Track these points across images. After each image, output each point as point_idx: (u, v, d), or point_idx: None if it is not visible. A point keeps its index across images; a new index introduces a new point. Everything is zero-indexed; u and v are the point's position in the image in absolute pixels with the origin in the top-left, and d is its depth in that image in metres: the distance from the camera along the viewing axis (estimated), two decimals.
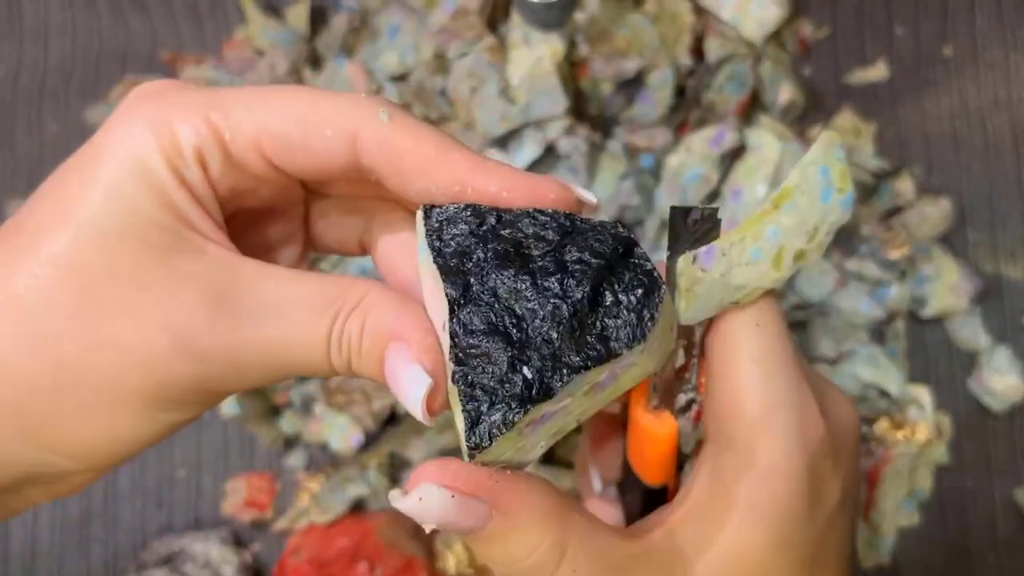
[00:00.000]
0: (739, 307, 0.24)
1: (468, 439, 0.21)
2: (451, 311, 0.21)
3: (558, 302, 0.21)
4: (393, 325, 0.22)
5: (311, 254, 0.29)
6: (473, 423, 0.20)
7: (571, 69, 0.53)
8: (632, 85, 0.53)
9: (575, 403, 0.22)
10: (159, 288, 0.21)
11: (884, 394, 0.51)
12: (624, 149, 0.52)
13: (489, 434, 0.20)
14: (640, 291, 0.21)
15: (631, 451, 0.28)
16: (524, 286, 0.21)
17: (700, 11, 0.54)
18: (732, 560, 0.23)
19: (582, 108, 0.53)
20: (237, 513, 0.51)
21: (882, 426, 0.51)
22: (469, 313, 0.21)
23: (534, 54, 0.52)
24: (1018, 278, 0.53)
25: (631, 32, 0.53)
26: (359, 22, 0.55)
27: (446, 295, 0.21)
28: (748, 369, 0.24)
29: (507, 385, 0.20)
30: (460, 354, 0.21)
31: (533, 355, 0.20)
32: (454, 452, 0.51)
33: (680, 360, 0.25)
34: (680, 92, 0.53)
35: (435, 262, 0.21)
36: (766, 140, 0.51)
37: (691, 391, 0.26)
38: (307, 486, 0.51)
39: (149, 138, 0.21)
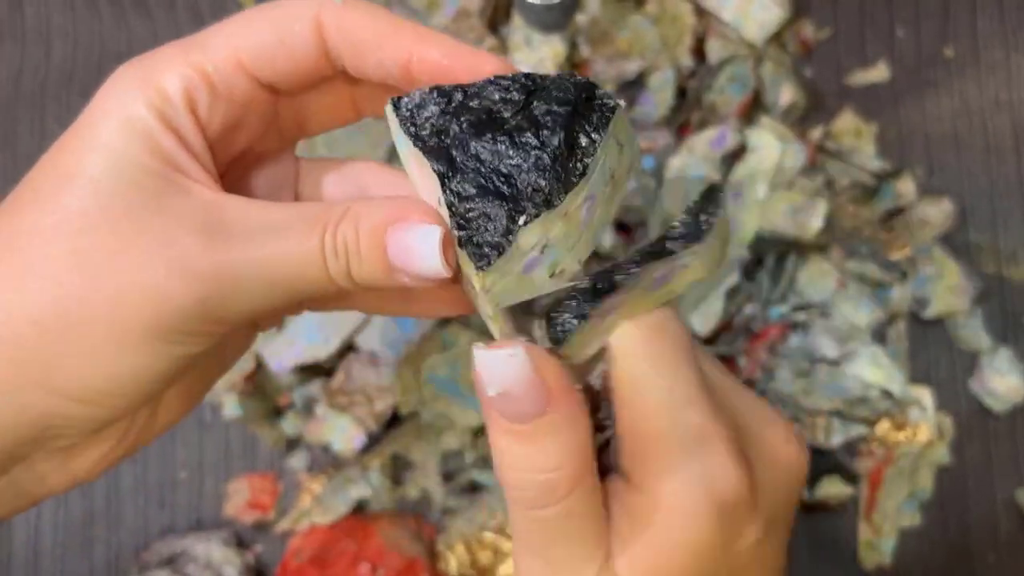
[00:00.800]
0: (625, 350, 0.24)
1: (479, 257, 0.22)
2: (442, 184, 0.22)
3: (538, 152, 0.22)
4: (388, 214, 0.23)
5: None
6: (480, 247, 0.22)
7: (572, 70, 0.53)
8: (633, 86, 0.54)
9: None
10: (152, 225, 0.22)
11: (886, 394, 0.51)
12: None
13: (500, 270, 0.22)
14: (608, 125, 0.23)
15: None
16: (504, 147, 0.22)
17: (701, 12, 0.54)
18: None
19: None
20: (239, 514, 0.51)
21: (883, 427, 0.51)
22: (459, 182, 0.22)
23: (535, 55, 0.52)
24: (1019, 279, 0.53)
25: (632, 33, 0.53)
26: None
27: (435, 172, 0.22)
28: (649, 412, 0.23)
29: (510, 236, 0.22)
30: (461, 220, 0.22)
31: (527, 204, 0.22)
32: (456, 455, 0.51)
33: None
34: (681, 93, 0.54)
35: (416, 146, 0.23)
36: (767, 141, 0.51)
37: (610, 427, 0.25)
38: (309, 487, 0.51)
39: (136, 93, 0.23)
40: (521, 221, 0.22)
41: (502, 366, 0.22)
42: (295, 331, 0.51)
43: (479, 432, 0.50)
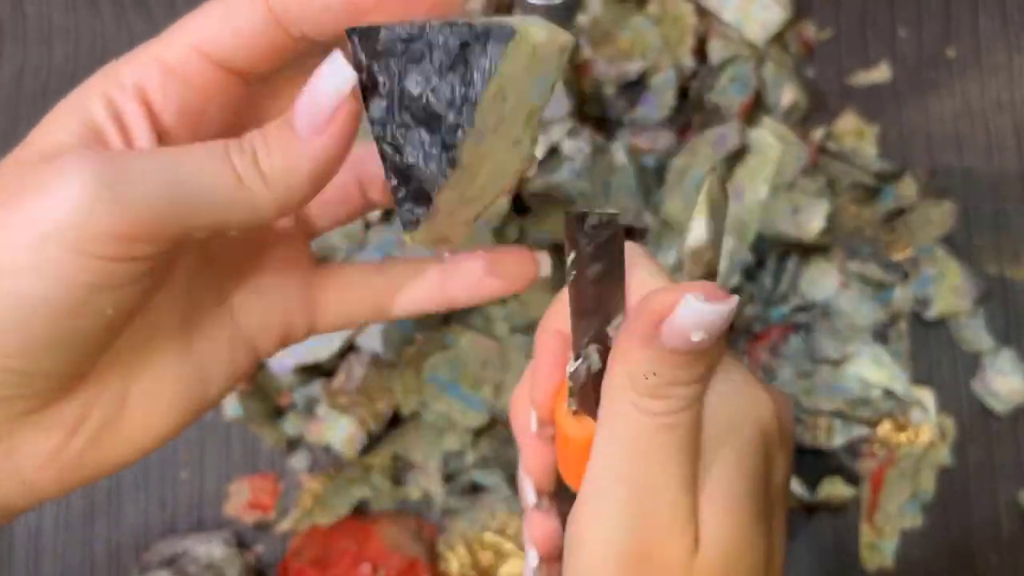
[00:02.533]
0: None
1: (407, 219, 0.22)
2: (365, 99, 0.22)
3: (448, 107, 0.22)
4: (296, 101, 0.22)
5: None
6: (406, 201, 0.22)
7: (574, 71, 0.53)
8: (635, 87, 0.53)
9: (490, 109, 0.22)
10: (65, 158, 0.22)
11: (888, 395, 0.51)
12: (627, 151, 0.52)
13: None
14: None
15: (558, 457, 0.28)
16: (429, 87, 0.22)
17: (703, 13, 0.54)
18: None
19: (585, 110, 0.53)
20: (240, 514, 0.51)
21: (885, 428, 0.51)
22: (378, 100, 0.22)
23: None
24: (1021, 279, 0.53)
25: (634, 34, 0.53)
26: None
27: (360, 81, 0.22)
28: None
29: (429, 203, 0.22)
30: (390, 143, 0.22)
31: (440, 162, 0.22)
32: (457, 455, 0.51)
33: (596, 364, 0.25)
34: (683, 94, 0.53)
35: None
36: (768, 141, 0.51)
37: None
38: (310, 487, 0.51)
39: (95, 82, 0.23)
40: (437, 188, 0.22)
41: (717, 317, 0.22)
42: None
43: (480, 432, 0.50)
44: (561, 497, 0.29)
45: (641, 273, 0.25)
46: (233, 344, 0.27)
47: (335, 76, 0.22)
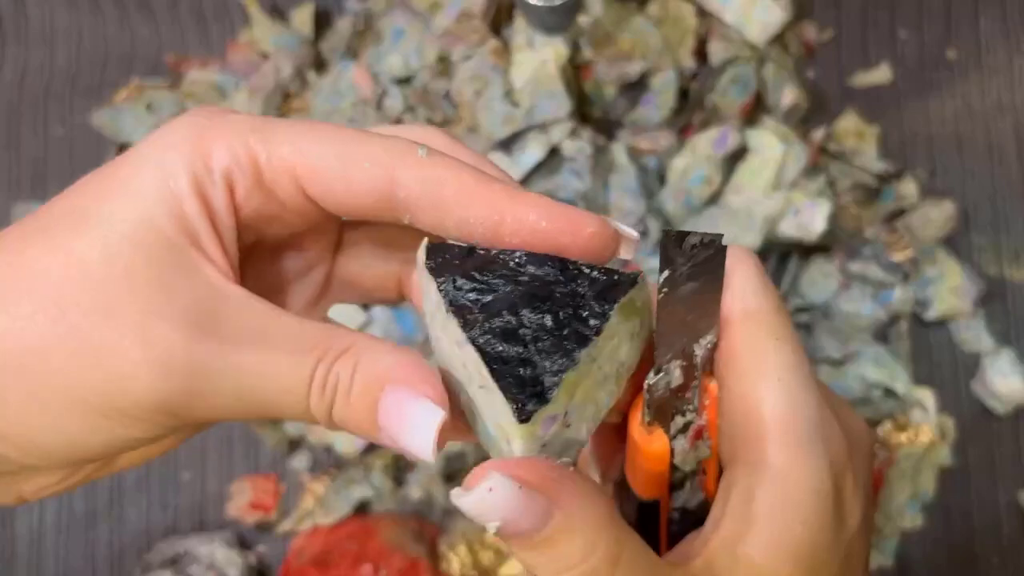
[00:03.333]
0: (754, 318, 0.24)
1: (522, 405, 0.21)
2: (466, 324, 0.21)
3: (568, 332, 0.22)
4: (391, 368, 0.21)
5: (334, 301, 0.28)
6: (522, 392, 0.21)
7: (575, 72, 0.53)
8: (636, 88, 0.54)
9: (597, 372, 0.22)
10: (144, 298, 0.20)
11: (889, 394, 0.51)
12: (628, 152, 0.52)
13: (545, 389, 0.21)
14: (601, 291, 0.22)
15: (627, 463, 0.28)
16: (544, 317, 0.22)
17: (704, 14, 0.54)
18: None
19: (586, 111, 0.53)
20: (242, 515, 0.51)
21: (886, 428, 0.51)
22: (483, 325, 0.21)
23: (538, 57, 0.52)
24: (1022, 280, 0.53)
25: (635, 35, 0.53)
26: (363, 25, 0.55)
27: (459, 311, 0.21)
28: (771, 387, 0.23)
29: (538, 352, 0.21)
30: (489, 350, 0.21)
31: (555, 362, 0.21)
32: (458, 455, 0.51)
33: (677, 380, 0.25)
34: (684, 95, 0.54)
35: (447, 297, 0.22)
36: (769, 142, 0.51)
37: (691, 412, 0.25)
38: (311, 488, 0.51)
39: (181, 153, 0.21)
40: (555, 370, 0.21)
41: (486, 502, 0.20)
42: None
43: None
44: (622, 494, 0.29)
45: (738, 287, 0.24)
46: None
47: (423, 444, 0.21)
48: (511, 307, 0.21)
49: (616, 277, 0.22)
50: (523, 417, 0.20)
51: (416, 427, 0.21)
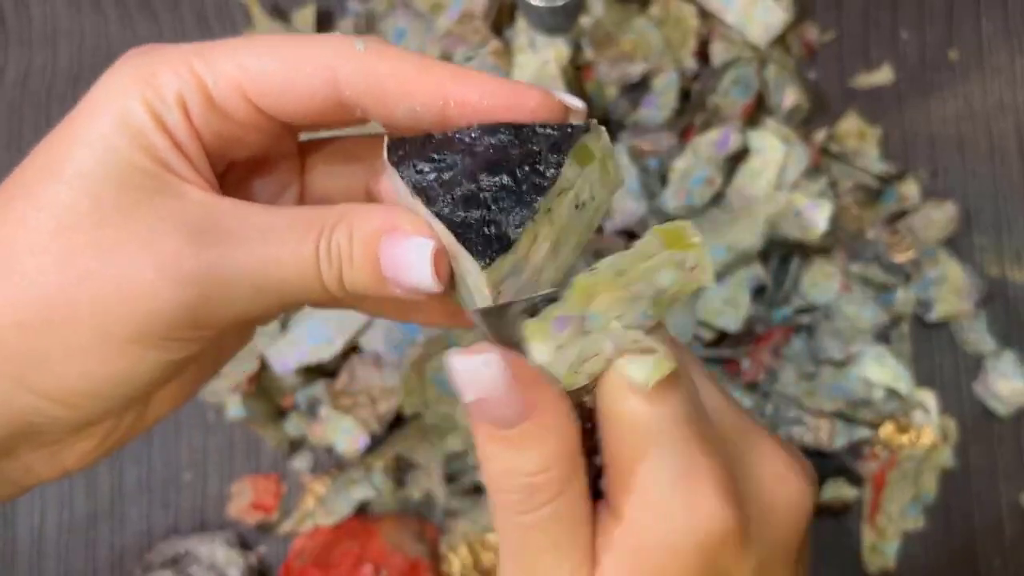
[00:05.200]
0: (620, 373, 0.23)
1: (485, 249, 0.22)
2: (429, 201, 0.22)
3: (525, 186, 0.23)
4: (381, 223, 0.22)
5: None
6: (488, 248, 0.22)
7: (576, 73, 0.53)
8: (637, 89, 0.54)
9: (558, 219, 0.23)
10: (141, 225, 0.21)
11: (891, 395, 0.51)
12: (629, 152, 0.52)
13: (509, 241, 0.22)
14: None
15: None
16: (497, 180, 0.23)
17: (705, 15, 0.54)
18: None
19: (587, 111, 0.53)
20: (243, 515, 0.51)
21: (887, 430, 0.51)
22: (445, 198, 0.22)
23: (539, 58, 0.52)
24: (1023, 281, 0.53)
25: (636, 36, 0.53)
26: (365, 26, 0.55)
27: (418, 188, 0.22)
28: (632, 438, 0.22)
29: (510, 236, 0.22)
30: (458, 226, 0.22)
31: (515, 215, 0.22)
32: (460, 457, 0.51)
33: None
34: (685, 96, 0.54)
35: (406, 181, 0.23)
36: (770, 143, 0.51)
37: (599, 458, 0.24)
38: (312, 488, 0.51)
39: (132, 89, 0.22)
40: (516, 223, 0.22)
41: (477, 373, 0.21)
42: (299, 332, 0.51)
43: None
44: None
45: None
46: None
47: (422, 271, 0.22)
48: (470, 176, 0.22)
49: (569, 129, 0.23)
50: (484, 263, 0.21)
51: (413, 262, 0.22)
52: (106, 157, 0.22)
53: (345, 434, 0.50)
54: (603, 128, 0.24)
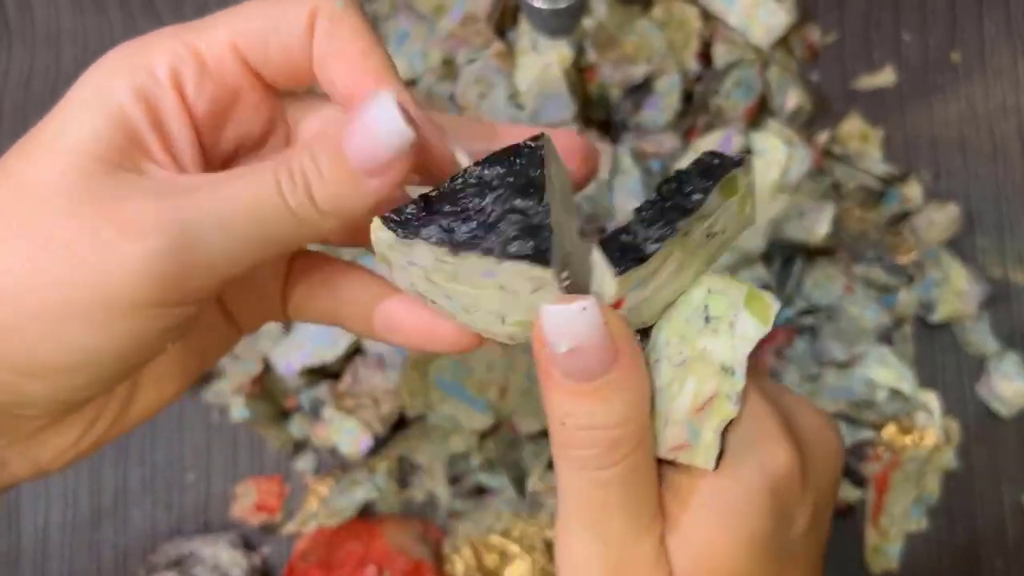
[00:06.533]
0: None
1: (623, 256, 0.22)
2: (486, 251, 0.22)
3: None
4: (332, 115, 0.23)
5: None
6: (623, 247, 0.22)
7: (579, 75, 0.53)
8: (640, 91, 0.54)
9: (690, 244, 0.23)
10: (105, 191, 0.21)
11: (893, 397, 0.51)
12: (632, 154, 0.52)
13: (643, 248, 0.22)
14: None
15: None
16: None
17: (708, 17, 0.54)
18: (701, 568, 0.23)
19: (590, 114, 0.53)
20: (246, 516, 0.51)
21: (890, 431, 0.51)
22: (496, 239, 0.22)
23: (542, 60, 0.52)
24: None
25: (639, 38, 0.53)
26: None
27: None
28: None
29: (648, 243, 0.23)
30: (514, 251, 0.22)
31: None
32: (463, 457, 0.51)
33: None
34: (688, 98, 0.54)
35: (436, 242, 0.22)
36: (773, 145, 0.51)
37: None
38: (316, 490, 0.51)
39: (118, 71, 0.23)
40: (656, 238, 0.22)
41: (574, 321, 0.21)
42: (302, 334, 0.51)
43: (486, 435, 0.50)
44: None
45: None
46: (228, 322, 0.28)
47: (390, 122, 0.21)
48: (503, 213, 0.22)
49: (716, 160, 0.23)
50: (619, 270, 0.22)
51: (378, 118, 0.21)
52: (80, 135, 0.22)
53: (348, 435, 0.50)
54: (754, 164, 0.24)
